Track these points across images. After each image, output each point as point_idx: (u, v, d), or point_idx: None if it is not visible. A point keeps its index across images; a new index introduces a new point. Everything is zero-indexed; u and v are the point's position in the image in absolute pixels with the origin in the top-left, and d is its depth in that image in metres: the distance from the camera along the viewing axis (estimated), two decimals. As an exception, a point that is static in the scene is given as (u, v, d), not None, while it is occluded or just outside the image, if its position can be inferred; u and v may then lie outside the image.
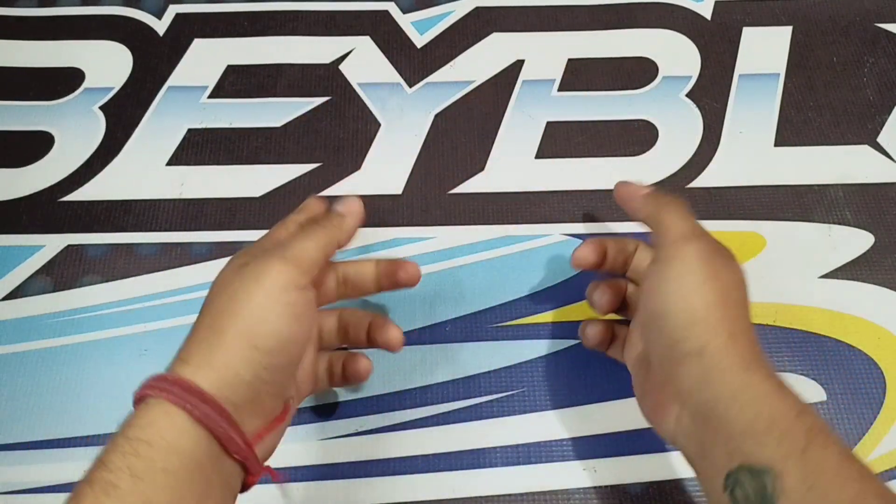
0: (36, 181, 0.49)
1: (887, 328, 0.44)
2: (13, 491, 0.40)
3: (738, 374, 0.29)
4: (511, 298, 0.45)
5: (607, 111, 0.51)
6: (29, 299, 0.45)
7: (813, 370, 0.43)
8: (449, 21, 0.55)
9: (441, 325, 0.44)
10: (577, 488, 0.40)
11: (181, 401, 0.27)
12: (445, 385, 0.42)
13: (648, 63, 0.53)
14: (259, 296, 0.29)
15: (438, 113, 0.51)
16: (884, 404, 0.42)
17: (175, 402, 0.27)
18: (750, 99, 0.52)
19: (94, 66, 0.53)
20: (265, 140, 0.50)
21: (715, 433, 0.28)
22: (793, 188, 0.49)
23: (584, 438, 0.41)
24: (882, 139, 0.50)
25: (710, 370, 0.29)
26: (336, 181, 0.49)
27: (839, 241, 0.47)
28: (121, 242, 0.47)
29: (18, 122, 0.51)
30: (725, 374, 0.29)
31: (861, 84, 0.53)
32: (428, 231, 0.47)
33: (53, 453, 0.40)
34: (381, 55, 0.54)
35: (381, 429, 0.41)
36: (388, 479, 0.40)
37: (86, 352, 0.43)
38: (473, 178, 0.49)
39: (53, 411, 0.42)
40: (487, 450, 0.41)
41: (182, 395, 0.27)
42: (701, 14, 0.56)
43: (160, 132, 0.50)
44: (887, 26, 0.55)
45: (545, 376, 0.43)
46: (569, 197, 0.48)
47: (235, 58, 0.53)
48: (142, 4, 0.56)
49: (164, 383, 0.27)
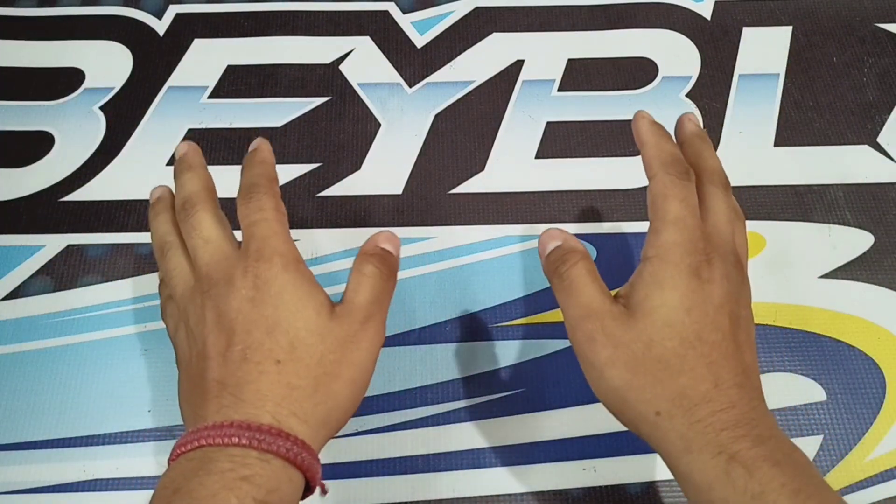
0: (36, 181, 0.49)
1: (887, 328, 0.44)
2: (13, 491, 0.40)
3: (676, 462, 0.28)
4: (511, 298, 0.45)
5: (607, 111, 0.51)
6: (29, 299, 0.45)
7: (813, 370, 0.43)
8: (449, 21, 0.55)
9: (441, 325, 0.44)
10: (577, 488, 0.40)
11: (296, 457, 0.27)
12: (445, 385, 0.42)
13: (648, 63, 0.53)
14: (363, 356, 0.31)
15: (438, 113, 0.51)
16: (884, 404, 0.42)
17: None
18: (750, 99, 0.52)
19: (94, 66, 0.53)
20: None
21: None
22: (793, 188, 0.49)
23: (584, 438, 0.41)
24: (882, 139, 0.50)
25: (659, 447, 0.28)
26: (336, 181, 0.49)
27: (839, 241, 0.47)
28: (121, 242, 0.47)
29: (18, 122, 0.51)
30: (668, 458, 0.28)
31: (861, 84, 0.53)
32: (428, 231, 0.47)
33: (53, 453, 0.40)
34: (381, 55, 0.54)
35: (381, 429, 0.41)
36: (388, 479, 0.40)
37: (86, 352, 0.43)
38: (473, 178, 0.49)
39: (53, 411, 0.41)
40: (487, 450, 0.41)
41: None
42: (701, 14, 0.56)
43: (160, 132, 0.50)
44: (887, 26, 0.55)
45: (545, 376, 0.43)
46: (569, 197, 0.48)
47: (235, 58, 0.53)
48: (142, 4, 0.56)
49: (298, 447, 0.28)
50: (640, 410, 0.27)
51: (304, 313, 0.29)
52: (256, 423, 0.26)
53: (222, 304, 0.29)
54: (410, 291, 0.45)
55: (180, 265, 0.33)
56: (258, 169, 0.34)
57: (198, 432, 0.26)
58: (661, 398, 0.27)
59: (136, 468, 0.40)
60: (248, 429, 0.26)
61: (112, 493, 0.39)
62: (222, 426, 0.26)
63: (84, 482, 0.40)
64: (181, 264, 0.33)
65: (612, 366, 0.27)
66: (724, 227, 0.30)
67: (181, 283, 0.32)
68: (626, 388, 0.27)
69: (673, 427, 0.26)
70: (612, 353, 0.27)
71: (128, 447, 0.41)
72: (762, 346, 0.43)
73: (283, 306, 0.29)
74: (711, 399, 0.26)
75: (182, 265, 0.33)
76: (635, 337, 0.27)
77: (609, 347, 0.27)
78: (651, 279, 0.28)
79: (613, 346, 0.27)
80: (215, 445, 0.26)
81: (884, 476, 0.40)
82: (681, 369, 0.27)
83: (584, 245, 0.32)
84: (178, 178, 0.35)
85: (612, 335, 0.27)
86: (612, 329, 0.28)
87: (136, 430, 0.41)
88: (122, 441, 0.41)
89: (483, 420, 0.42)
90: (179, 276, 0.32)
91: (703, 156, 0.32)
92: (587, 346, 0.28)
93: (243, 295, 0.29)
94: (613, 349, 0.27)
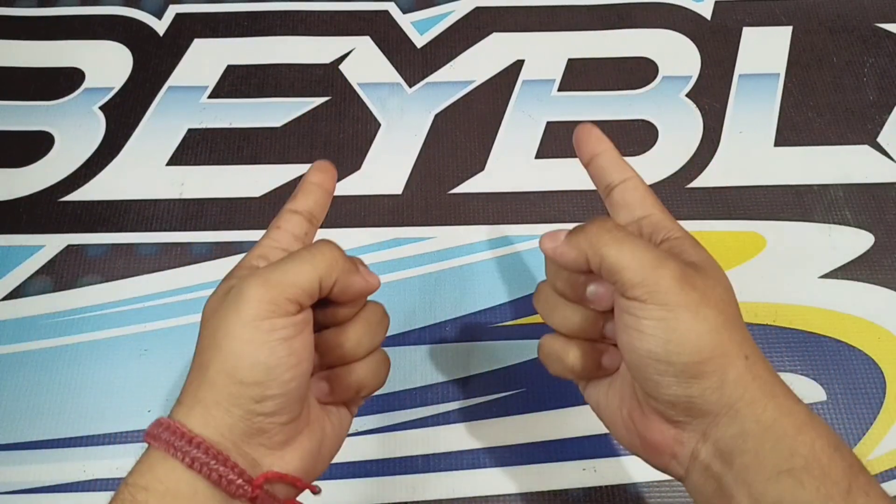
0: (36, 181, 0.49)
1: (887, 328, 0.44)
2: (13, 491, 0.40)
3: (765, 405, 0.26)
4: (511, 298, 0.45)
5: (607, 111, 0.51)
6: (29, 299, 0.45)
7: (813, 370, 0.43)
8: (449, 21, 0.55)
9: (441, 325, 0.44)
10: (577, 488, 0.40)
11: (171, 447, 0.26)
12: (445, 385, 0.42)
13: (648, 63, 0.53)
14: (236, 327, 0.26)
15: (438, 113, 0.51)
16: (884, 404, 0.42)
17: (166, 448, 0.26)
18: (750, 99, 0.52)
19: (94, 66, 0.53)
20: (265, 140, 0.50)
21: (742, 471, 0.25)
22: (793, 188, 0.49)
23: (584, 438, 0.41)
24: (882, 139, 0.50)
25: (734, 403, 0.26)
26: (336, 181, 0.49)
27: (839, 241, 0.47)
28: (121, 242, 0.47)
29: (18, 122, 0.51)
30: (752, 406, 0.26)
31: (861, 84, 0.53)
32: (428, 231, 0.47)
33: (53, 453, 0.40)
34: (381, 55, 0.54)
35: (381, 429, 0.41)
36: (388, 479, 0.40)
37: (85, 352, 0.43)
38: (473, 178, 0.49)
39: (53, 411, 0.42)
40: (487, 450, 0.41)
41: (171, 441, 0.26)
42: (701, 14, 0.56)
43: (160, 132, 0.50)
44: (887, 26, 0.55)
45: (545, 376, 0.42)
46: (569, 197, 0.48)
47: (235, 58, 0.53)
48: (142, 4, 0.56)
49: (158, 428, 0.26)
50: (732, 354, 0.27)
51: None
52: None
53: None
54: (410, 291, 0.45)
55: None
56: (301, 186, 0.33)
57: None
58: (746, 343, 0.27)
59: (135, 468, 0.40)
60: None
61: (112, 494, 0.39)
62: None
63: (84, 482, 0.40)
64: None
65: (707, 305, 0.27)
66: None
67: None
68: (719, 329, 0.27)
69: (759, 373, 0.27)
70: (700, 296, 0.27)
71: (128, 447, 0.41)
72: (762, 345, 0.43)
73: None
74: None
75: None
76: (713, 284, 0.28)
77: (697, 290, 0.27)
78: (691, 246, 0.29)
79: (700, 290, 0.27)
80: None
81: (884, 476, 0.40)
82: (741, 318, 0.28)
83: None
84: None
85: (691, 279, 0.27)
86: (690, 274, 0.27)
87: (136, 430, 0.41)
88: (122, 441, 0.41)
89: (483, 420, 0.42)
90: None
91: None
92: (674, 285, 0.27)
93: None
94: (701, 293, 0.27)
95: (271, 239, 0.31)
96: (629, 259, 0.27)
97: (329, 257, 0.28)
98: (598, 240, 0.28)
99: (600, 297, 0.29)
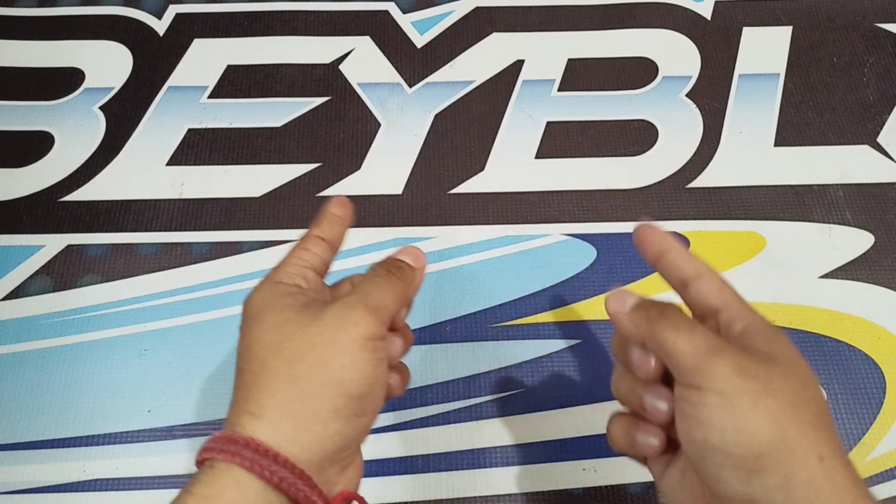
0: (36, 181, 0.49)
1: (887, 328, 0.44)
2: (13, 491, 0.40)
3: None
4: (511, 298, 0.45)
5: (607, 111, 0.51)
6: (29, 299, 0.45)
7: (813, 370, 0.43)
8: (449, 21, 0.55)
9: (441, 325, 0.44)
10: (577, 488, 0.40)
11: (255, 465, 0.25)
12: (445, 385, 0.42)
13: (648, 63, 0.53)
14: (346, 344, 0.28)
15: (438, 113, 0.51)
16: (884, 404, 0.42)
17: (247, 467, 0.25)
18: (750, 99, 0.52)
19: (94, 66, 0.53)
20: (265, 140, 0.50)
21: None
22: (793, 188, 0.49)
23: (584, 438, 0.41)
24: (882, 139, 0.50)
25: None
26: (336, 181, 0.49)
27: (839, 241, 0.47)
28: (121, 242, 0.47)
29: (18, 122, 0.51)
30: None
31: (861, 84, 0.53)
32: (428, 231, 0.47)
33: (53, 453, 0.40)
34: (381, 55, 0.54)
35: (380, 429, 0.41)
36: (389, 479, 0.40)
37: (85, 352, 0.43)
38: (473, 178, 0.49)
39: (53, 411, 0.42)
40: (487, 450, 0.41)
41: (254, 459, 0.25)
42: (701, 14, 0.56)
43: (160, 132, 0.50)
44: (887, 26, 0.55)
45: (545, 376, 0.43)
46: (569, 197, 0.48)
47: (235, 58, 0.53)
48: (142, 4, 0.56)
49: (233, 446, 0.26)
50: (801, 451, 0.25)
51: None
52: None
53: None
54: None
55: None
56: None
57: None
58: (823, 444, 0.26)
59: (135, 468, 0.40)
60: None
61: (112, 493, 0.40)
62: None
63: (84, 482, 0.40)
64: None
65: (769, 395, 0.26)
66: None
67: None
68: (784, 422, 0.25)
69: (836, 479, 0.25)
70: (762, 387, 0.26)
71: (128, 447, 0.41)
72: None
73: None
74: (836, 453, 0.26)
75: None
76: (783, 376, 0.27)
77: (759, 381, 0.26)
78: (766, 338, 0.28)
79: (762, 381, 0.26)
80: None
81: (884, 476, 0.40)
82: (828, 417, 0.27)
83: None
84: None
85: (751, 368, 0.26)
86: (751, 363, 0.26)
87: (136, 430, 0.41)
88: (122, 441, 0.41)
89: (483, 420, 0.42)
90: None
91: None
92: (730, 373, 0.26)
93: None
94: (764, 383, 0.26)
95: (302, 259, 0.32)
96: (684, 344, 0.27)
97: (415, 286, 0.32)
98: (657, 324, 0.28)
99: (642, 362, 0.29)
